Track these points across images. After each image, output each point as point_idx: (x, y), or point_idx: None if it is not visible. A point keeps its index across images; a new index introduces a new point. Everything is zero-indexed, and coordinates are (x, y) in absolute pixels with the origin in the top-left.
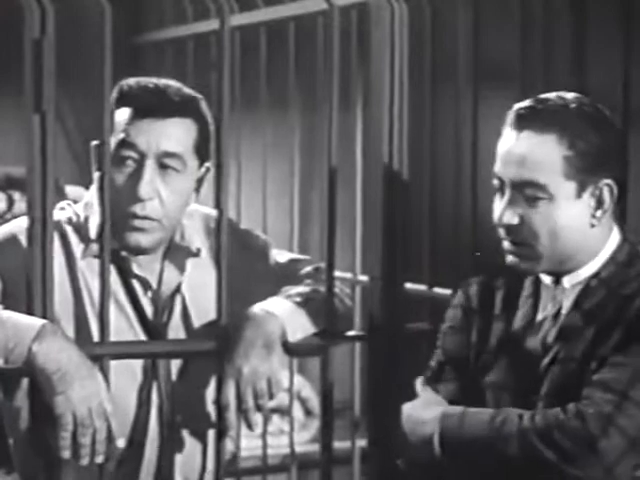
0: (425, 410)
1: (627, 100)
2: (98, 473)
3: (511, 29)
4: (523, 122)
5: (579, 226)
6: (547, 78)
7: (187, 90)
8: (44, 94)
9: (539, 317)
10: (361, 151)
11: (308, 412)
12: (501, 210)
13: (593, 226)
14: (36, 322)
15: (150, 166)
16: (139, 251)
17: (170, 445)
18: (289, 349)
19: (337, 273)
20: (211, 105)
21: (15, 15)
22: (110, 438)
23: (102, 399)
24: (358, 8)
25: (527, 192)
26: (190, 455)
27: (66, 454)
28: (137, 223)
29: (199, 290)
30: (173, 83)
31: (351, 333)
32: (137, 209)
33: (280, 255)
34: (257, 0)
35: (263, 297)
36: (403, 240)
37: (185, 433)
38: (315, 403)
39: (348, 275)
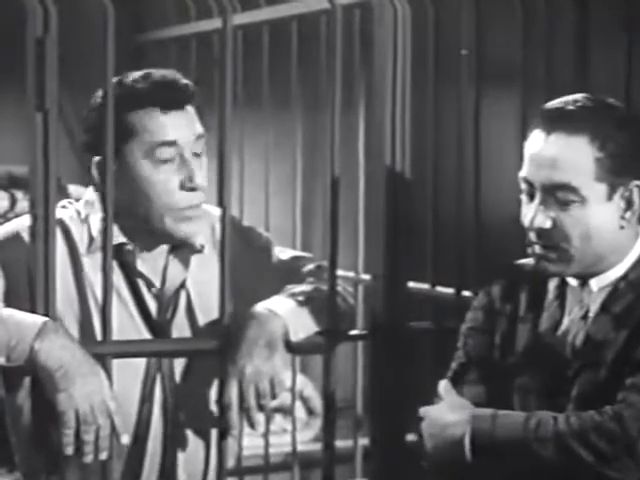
0: (452, 413)
1: (629, 100)
2: (101, 470)
3: (513, 28)
4: (553, 124)
5: (610, 228)
6: (549, 77)
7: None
8: (47, 93)
9: (566, 320)
10: (364, 150)
11: (310, 411)
12: (533, 214)
13: (622, 228)
14: (38, 320)
15: (191, 157)
16: (189, 239)
17: (173, 443)
18: (292, 348)
19: (340, 272)
20: (214, 103)
21: (18, 14)
22: (114, 435)
23: (105, 396)
24: (361, 7)
25: (559, 195)
26: (193, 453)
27: (69, 451)
28: (190, 213)
29: (203, 286)
30: (168, 72)
31: (353, 332)
32: (192, 199)
33: (283, 253)
34: None
35: (266, 295)
36: (406, 239)
37: (188, 431)
38: (317, 402)
39: (351, 274)
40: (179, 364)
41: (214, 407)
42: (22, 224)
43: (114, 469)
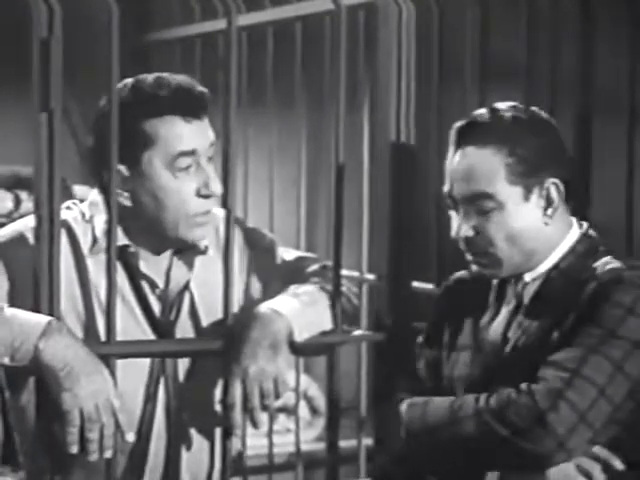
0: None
1: (633, 96)
2: (105, 470)
3: (518, 27)
4: (462, 139)
5: (533, 227)
6: (554, 76)
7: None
8: (51, 93)
9: (502, 312)
10: (368, 150)
11: (314, 411)
12: (457, 225)
13: (547, 224)
14: (42, 319)
15: (207, 163)
16: (198, 243)
17: (176, 443)
18: (295, 348)
19: (344, 271)
20: (218, 104)
21: (23, 14)
22: (118, 433)
23: (109, 394)
24: (365, 7)
25: (478, 204)
26: (197, 453)
27: (74, 449)
28: (202, 219)
29: (207, 288)
30: (184, 79)
31: (357, 332)
32: (206, 206)
33: (287, 253)
34: (264, 0)
35: (270, 295)
36: (410, 239)
37: (192, 431)
38: (321, 402)
39: (355, 274)
40: (183, 364)
41: (218, 407)
42: (26, 225)
43: (117, 469)
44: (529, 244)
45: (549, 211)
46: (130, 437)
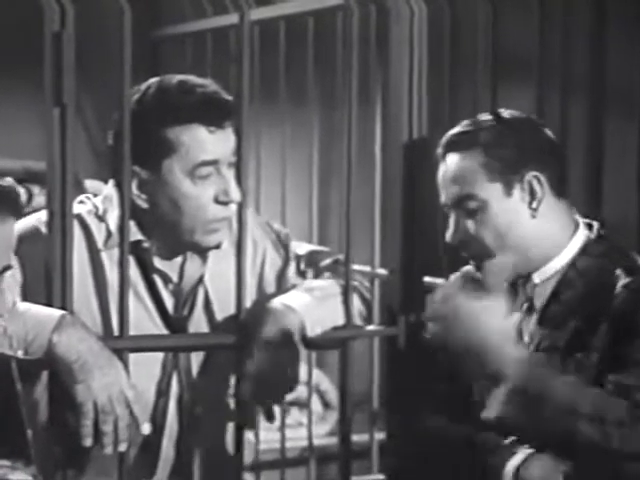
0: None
1: None
2: (118, 464)
3: (529, 24)
4: (445, 149)
5: (519, 220)
6: (565, 74)
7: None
8: (64, 88)
9: (516, 314)
10: (380, 145)
11: (326, 405)
12: (449, 231)
13: (534, 217)
14: (55, 313)
15: (228, 169)
16: (213, 249)
17: (189, 437)
18: (308, 343)
19: (356, 266)
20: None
21: (35, 9)
22: (133, 425)
23: (123, 386)
24: (377, 2)
25: (464, 206)
26: (210, 447)
27: (88, 442)
28: (219, 225)
29: (221, 282)
30: (209, 84)
31: (370, 327)
32: (225, 212)
33: (300, 247)
34: None
35: (283, 290)
36: (422, 233)
37: (205, 425)
38: (333, 396)
39: (367, 268)
40: (196, 359)
41: (230, 400)
42: (40, 219)
43: (130, 464)
44: (519, 240)
45: (534, 204)
46: (146, 428)
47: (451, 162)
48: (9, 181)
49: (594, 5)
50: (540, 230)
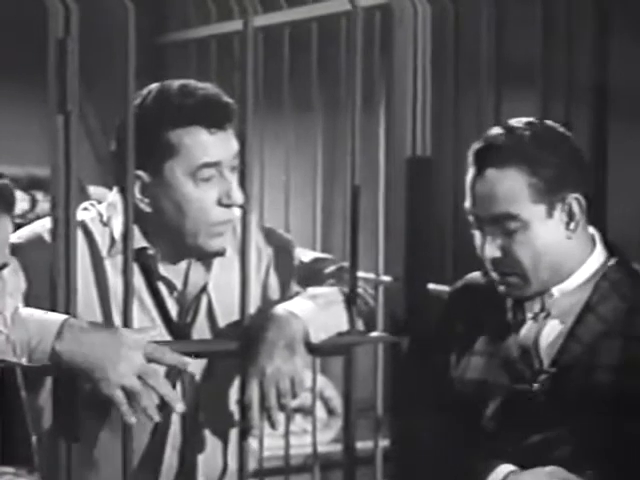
0: None
1: None
2: (121, 470)
3: (533, 27)
4: (483, 162)
5: (557, 242)
6: (570, 78)
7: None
8: (68, 94)
9: (528, 323)
10: (384, 152)
11: (331, 412)
12: (482, 245)
13: (570, 238)
14: (57, 319)
15: (230, 172)
16: (219, 254)
17: (192, 443)
18: (312, 349)
19: (360, 273)
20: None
21: (39, 14)
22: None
23: (141, 361)
24: (381, 9)
25: (502, 225)
26: (212, 454)
27: (132, 420)
28: (222, 228)
29: (225, 289)
30: (210, 88)
31: (374, 333)
32: (227, 215)
33: (304, 254)
34: (280, 1)
35: (287, 297)
36: (426, 240)
37: (207, 432)
38: (338, 403)
39: (371, 275)
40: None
41: (234, 407)
42: (44, 226)
43: (133, 473)
44: (555, 259)
45: (572, 225)
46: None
47: (491, 178)
48: (2, 177)
49: (598, 9)
50: (572, 248)
